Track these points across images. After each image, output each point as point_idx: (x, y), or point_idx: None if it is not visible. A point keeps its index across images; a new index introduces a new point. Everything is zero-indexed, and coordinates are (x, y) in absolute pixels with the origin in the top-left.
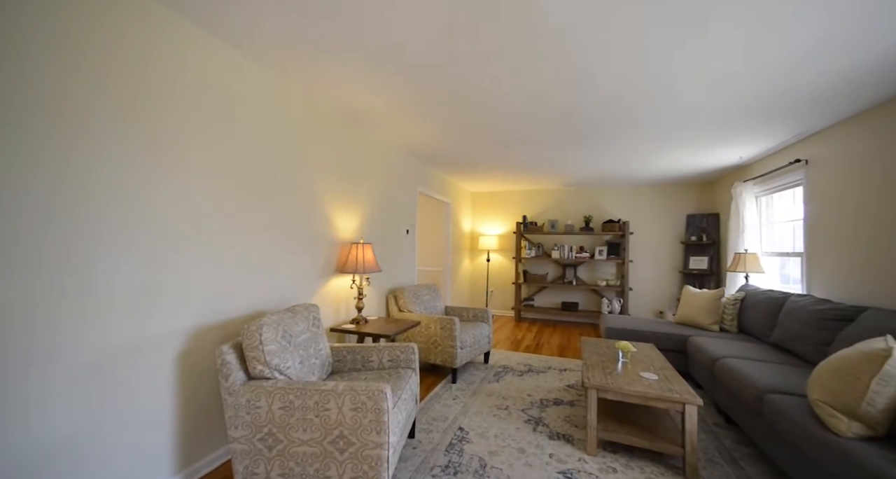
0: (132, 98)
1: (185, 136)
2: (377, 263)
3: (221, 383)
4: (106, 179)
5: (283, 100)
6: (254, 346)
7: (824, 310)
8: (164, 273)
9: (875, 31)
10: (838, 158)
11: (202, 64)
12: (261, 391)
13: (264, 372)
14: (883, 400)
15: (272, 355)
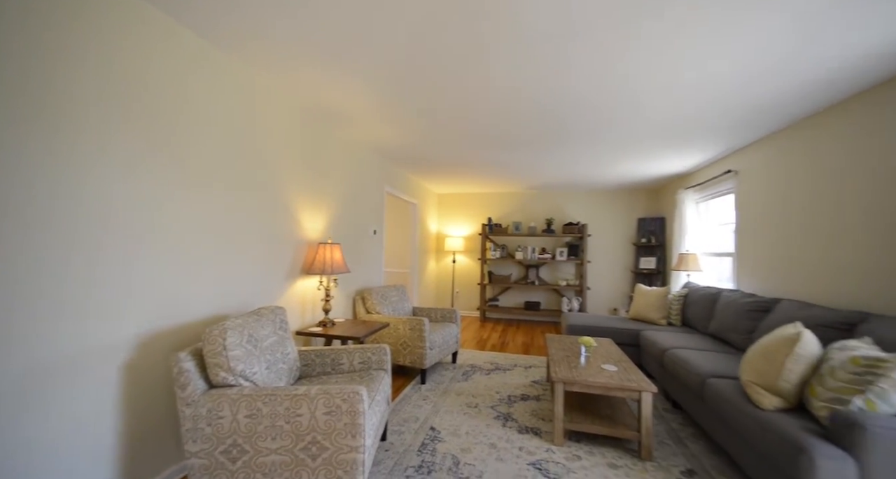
0: None
1: (165, 135)
2: (345, 263)
3: (178, 395)
4: (32, 163)
5: (246, 92)
6: (216, 352)
7: (749, 303)
8: (107, 274)
9: (799, 61)
10: (760, 170)
11: (159, 49)
12: (224, 400)
13: (228, 379)
14: (795, 376)
15: (237, 361)
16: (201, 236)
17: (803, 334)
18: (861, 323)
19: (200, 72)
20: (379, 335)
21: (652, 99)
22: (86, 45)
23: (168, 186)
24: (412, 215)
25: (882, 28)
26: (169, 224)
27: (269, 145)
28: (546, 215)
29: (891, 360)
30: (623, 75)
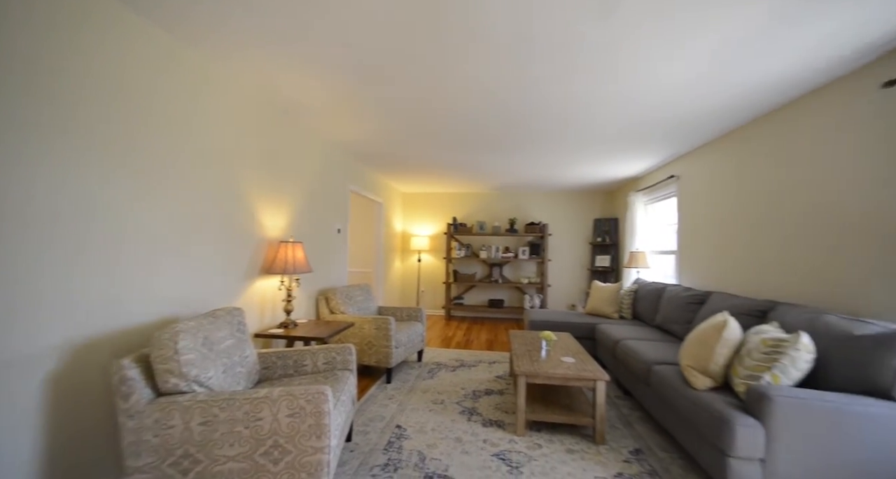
0: None
1: (68, 105)
2: (308, 263)
3: (119, 406)
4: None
5: (199, 79)
6: (167, 356)
7: (687, 296)
8: (26, 277)
9: (729, 76)
10: (697, 176)
11: (101, 27)
12: (175, 408)
13: (180, 386)
14: (722, 359)
15: (190, 366)
16: (146, 235)
17: (729, 321)
18: (771, 310)
19: (143, 56)
20: (344, 335)
21: (604, 108)
22: None
23: (109, 180)
24: (377, 214)
25: (778, 61)
26: (107, 222)
27: (226, 139)
28: (509, 215)
29: (790, 340)
30: (578, 84)
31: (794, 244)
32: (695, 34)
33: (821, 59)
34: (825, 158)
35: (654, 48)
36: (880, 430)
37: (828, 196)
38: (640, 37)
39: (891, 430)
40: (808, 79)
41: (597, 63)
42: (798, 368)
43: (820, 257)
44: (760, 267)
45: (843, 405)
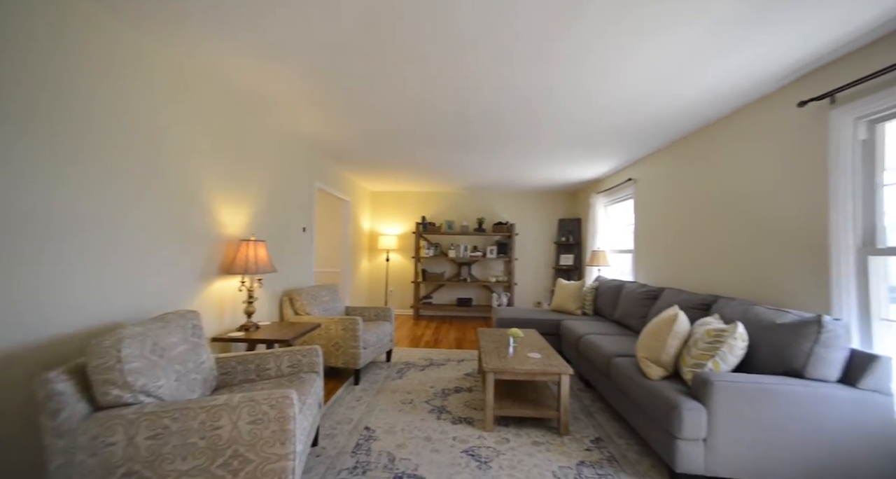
0: None
1: None
2: (272, 262)
3: (45, 425)
4: None
5: (148, 63)
6: (108, 366)
7: (643, 292)
8: None
9: (672, 90)
10: (651, 180)
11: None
12: (117, 422)
13: (123, 397)
14: (673, 350)
15: (137, 375)
16: (85, 232)
17: (679, 315)
18: (713, 303)
19: (82, 38)
20: (310, 337)
21: (569, 111)
22: None
23: (40, 169)
24: (345, 213)
25: (711, 79)
26: (39, 218)
27: (180, 130)
28: (478, 215)
29: (728, 329)
30: (544, 88)
31: (731, 244)
32: (642, 48)
33: (747, 79)
34: (751, 167)
35: (612, 59)
36: (797, 404)
37: (754, 202)
38: (599, 46)
39: (804, 404)
40: (737, 96)
41: (561, 69)
42: (735, 355)
43: (751, 256)
44: (705, 265)
45: (769, 386)
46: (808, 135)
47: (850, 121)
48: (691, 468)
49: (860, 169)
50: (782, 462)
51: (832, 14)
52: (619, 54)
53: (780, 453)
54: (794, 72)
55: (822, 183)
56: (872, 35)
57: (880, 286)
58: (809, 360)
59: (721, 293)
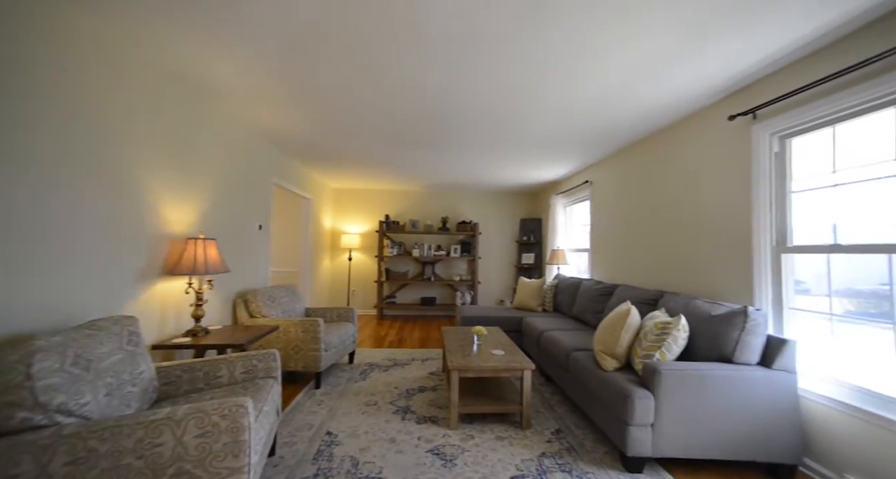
0: None
1: None
2: (223, 262)
3: None
4: None
5: (85, 44)
6: (13, 385)
7: (598, 288)
8: None
9: (624, 100)
10: (605, 182)
11: None
12: (23, 450)
13: (34, 420)
14: (626, 342)
15: (53, 393)
16: None
17: (631, 310)
18: (660, 298)
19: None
20: (266, 341)
21: (530, 113)
22: None
23: None
24: (305, 211)
25: (657, 91)
26: None
27: (114, 113)
28: (442, 214)
29: (673, 322)
30: (507, 89)
31: (675, 244)
32: (598, 59)
33: (688, 92)
34: (692, 173)
35: (571, 66)
36: (726, 386)
37: (695, 205)
38: (561, 53)
39: (731, 385)
40: (679, 107)
41: (526, 72)
42: (678, 345)
43: (692, 254)
44: (653, 263)
45: (706, 371)
46: (736, 146)
47: (767, 135)
48: (641, 451)
49: (774, 178)
50: (713, 438)
51: (750, 40)
52: (577, 64)
53: (711, 430)
54: (726, 89)
55: (747, 189)
56: (785, 60)
57: (789, 280)
58: (737, 346)
59: (667, 289)
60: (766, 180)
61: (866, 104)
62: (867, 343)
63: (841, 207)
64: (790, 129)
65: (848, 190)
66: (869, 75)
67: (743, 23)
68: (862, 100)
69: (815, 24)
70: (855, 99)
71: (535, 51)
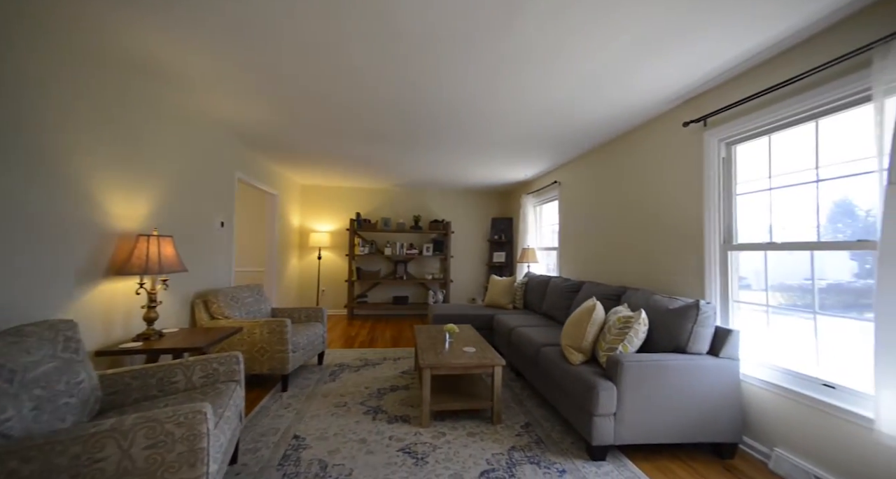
0: None
1: None
2: (181, 261)
3: None
4: None
5: (19, 20)
6: None
7: (566, 285)
8: None
9: (588, 103)
10: (573, 183)
11: None
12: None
13: None
14: (591, 336)
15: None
16: None
17: (597, 305)
18: (623, 294)
19: None
20: (229, 343)
21: (500, 112)
22: None
23: None
24: (272, 207)
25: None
26: None
27: (42, 92)
28: (414, 212)
29: (634, 316)
30: (478, 88)
31: (638, 242)
32: (565, 63)
33: (648, 98)
34: (654, 175)
35: (541, 68)
36: (680, 375)
37: (655, 205)
38: (533, 54)
39: (685, 373)
40: (641, 112)
41: (491, 70)
42: (639, 338)
43: (653, 252)
44: (617, 260)
45: (662, 361)
46: (690, 150)
47: (716, 141)
48: (604, 439)
49: (722, 181)
50: (667, 424)
51: (698, 51)
52: (547, 66)
53: (667, 416)
54: (682, 96)
55: (699, 191)
56: (730, 73)
57: (734, 275)
58: (690, 337)
59: (629, 285)
60: (715, 183)
61: (793, 117)
62: (794, 331)
63: (776, 209)
64: (735, 136)
65: (781, 193)
66: (795, 91)
67: (692, 35)
68: (790, 113)
69: (754, 41)
70: (785, 112)
71: (501, 50)
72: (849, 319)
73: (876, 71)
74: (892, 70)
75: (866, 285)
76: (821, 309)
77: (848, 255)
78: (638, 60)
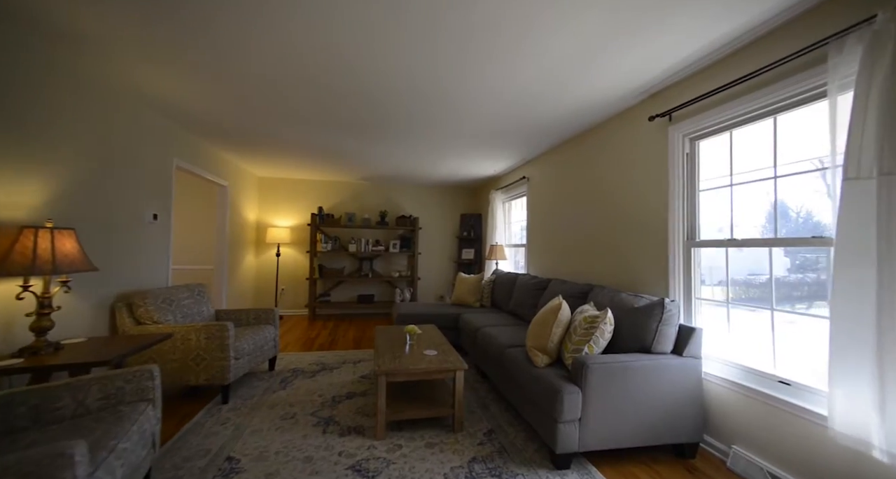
0: None
1: None
2: (87, 259)
3: None
4: None
5: None
6: None
7: (533, 283)
8: None
9: (558, 94)
10: (540, 178)
11: None
12: None
13: None
14: (556, 337)
15: None
16: None
17: (563, 304)
18: (590, 292)
19: None
20: (158, 353)
21: (468, 100)
22: None
23: None
24: (221, 200)
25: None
26: None
27: None
28: (380, 208)
29: (600, 316)
30: (437, 70)
31: (604, 239)
32: (530, 47)
33: (613, 92)
34: (619, 171)
35: (508, 51)
36: (645, 376)
37: (621, 202)
38: (495, 36)
39: (650, 374)
40: (606, 106)
41: (454, 50)
42: (605, 338)
43: (619, 249)
44: (584, 258)
45: (628, 363)
46: (656, 146)
47: (680, 136)
48: (569, 447)
49: (686, 177)
50: (632, 427)
51: (666, 41)
52: (511, 47)
53: (631, 419)
54: (647, 90)
55: (664, 187)
56: (695, 66)
57: (697, 272)
58: (656, 337)
59: (595, 282)
60: (679, 179)
61: (753, 113)
62: (752, 328)
63: (736, 205)
64: (698, 131)
65: (741, 190)
66: (756, 86)
67: (657, 25)
68: (750, 108)
69: (715, 35)
70: (745, 107)
71: (465, 28)
72: (802, 315)
73: (831, 67)
74: (846, 66)
75: (798, 279)
76: (762, 304)
77: (782, 251)
78: (604, 48)
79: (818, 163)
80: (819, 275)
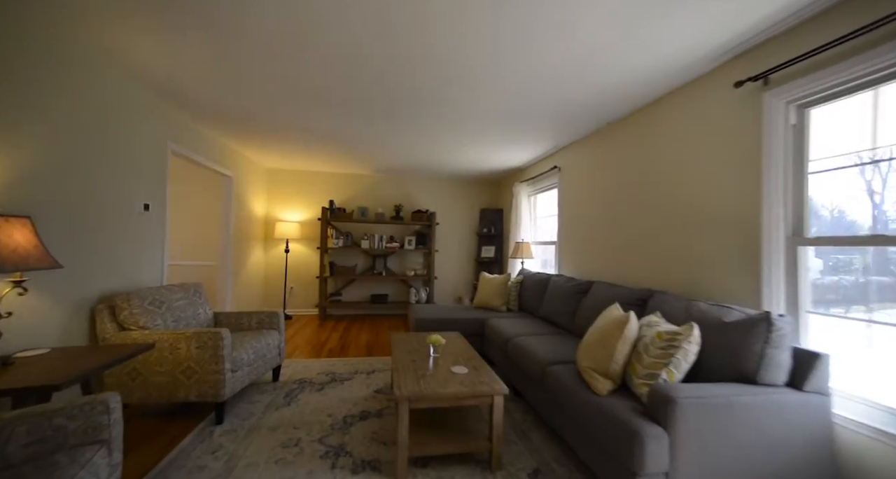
0: None
1: None
2: (46, 253)
3: None
4: None
5: None
6: None
7: (571, 286)
8: None
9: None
10: (575, 168)
11: None
12: None
13: None
14: (622, 358)
15: None
16: None
17: (630, 316)
18: (650, 299)
19: None
20: (143, 364)
21: (492, 79)
22: None
23: None
24: (226, 192)
25: (638, 58)
26: None
27: None
28: (395, 202)
29: (682, 332)
30: (466, 50)
31: (662, 235)
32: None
33: (680, 57)
34: (686, 153)
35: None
36: (751, 416)
37: (689, 190)
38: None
39: (757, 414)
40: (670, 75)
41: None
42: (688, 360)
43: (683, 247)
44: (635, 257)
45: (731, 398)
46: (744, 118)
47: (782, 104)
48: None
49: (791, 155)
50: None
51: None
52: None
53: (734, 472)
54: (730, 50)
55: (756, 169)
56: (806, 12)
57: (806, 277)
58: (762, 363)
59: (653, 287)
60: (781, 159)
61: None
62: None
63: (882, 189)
64: (811, 95)
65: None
66: None
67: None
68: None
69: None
70: (883, 60)
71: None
72: None
73: None
74: None
75: None
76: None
77: None
78: (661, 9)
79: None
80: None
